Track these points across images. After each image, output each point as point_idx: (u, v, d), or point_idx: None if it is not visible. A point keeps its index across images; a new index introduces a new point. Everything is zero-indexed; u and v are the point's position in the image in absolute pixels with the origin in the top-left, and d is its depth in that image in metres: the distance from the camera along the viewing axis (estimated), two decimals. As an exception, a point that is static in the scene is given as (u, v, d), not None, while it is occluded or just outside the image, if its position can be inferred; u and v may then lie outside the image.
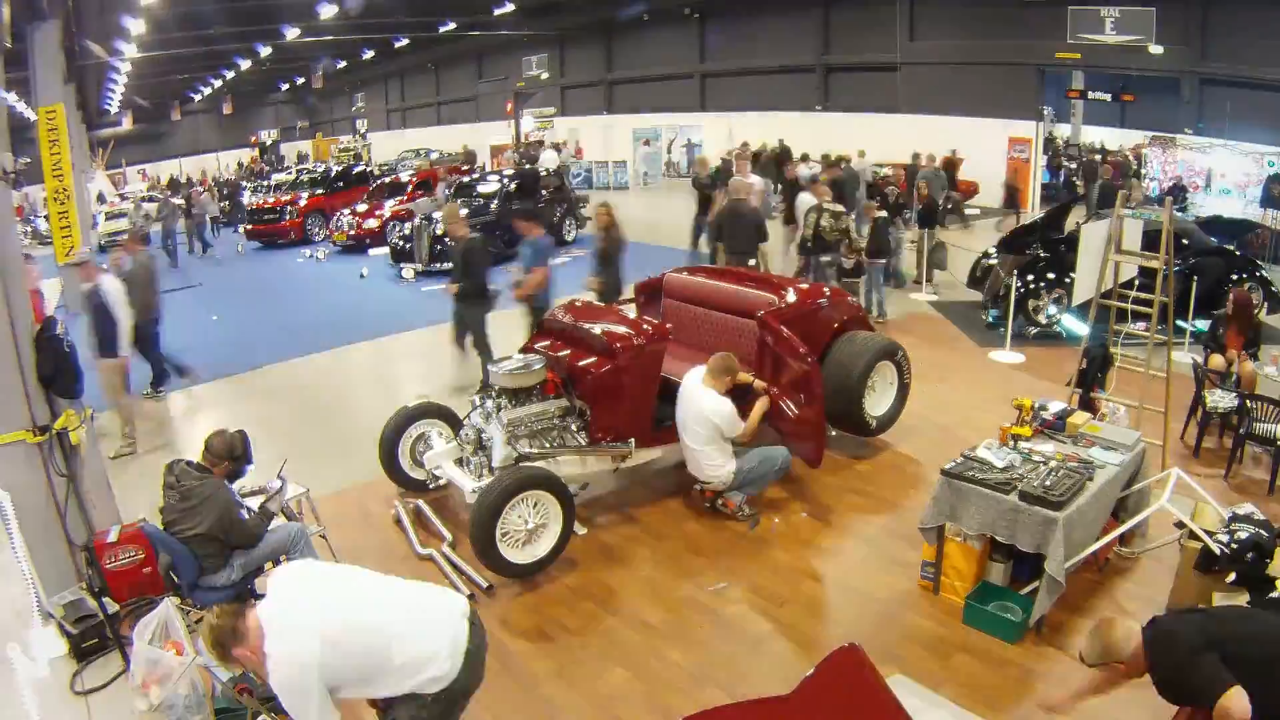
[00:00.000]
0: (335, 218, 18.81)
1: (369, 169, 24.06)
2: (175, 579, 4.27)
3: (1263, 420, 5.94)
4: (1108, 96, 18.98)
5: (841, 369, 6.23)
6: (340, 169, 23.43)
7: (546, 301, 7.96)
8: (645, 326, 5.84)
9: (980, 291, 10.46)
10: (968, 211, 18.13)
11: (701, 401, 5.42)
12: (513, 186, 16.05)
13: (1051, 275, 9.56)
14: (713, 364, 5.49)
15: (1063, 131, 21.16)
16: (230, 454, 4.53)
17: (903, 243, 12.51)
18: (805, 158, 18.30)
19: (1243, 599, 3.98)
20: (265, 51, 29.56)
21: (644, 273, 7.71)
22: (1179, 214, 7.96)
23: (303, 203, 20.28)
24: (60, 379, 4.80)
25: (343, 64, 38.17)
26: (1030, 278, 9.59)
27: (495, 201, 15.66)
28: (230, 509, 4.31)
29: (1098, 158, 19.01)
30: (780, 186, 16.68)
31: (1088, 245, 6.44)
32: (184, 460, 4.49)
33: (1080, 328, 8.22)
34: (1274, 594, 3.86)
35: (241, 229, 21.13)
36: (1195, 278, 8.89)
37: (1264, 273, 9.84)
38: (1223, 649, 2.71)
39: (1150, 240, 6.17)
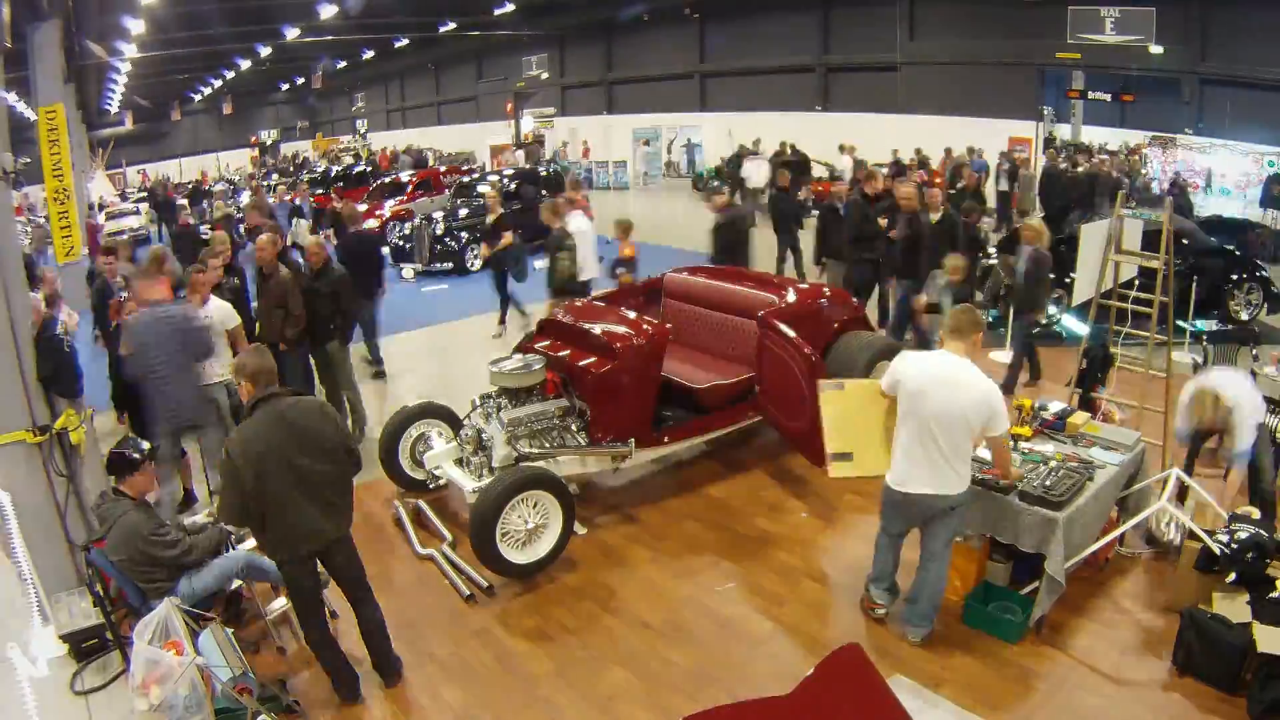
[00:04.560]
0: (335, 218, 18.80)
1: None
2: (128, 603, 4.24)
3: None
4: (1108, 96, 18.92)
5: (843, 368, 6.22)
6: (341, 169, 23.53)
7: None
8: (645, 326, 5.84)
9: (980, 292, 10.44)
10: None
11: (974, 382, 3.90)
12: (513, 187, 16.06)
13: (1051, 275, 9.54)
14: (959, 322, 4.08)
15: (1062, 131, 21.16)
16: (123, 463, 4.22)
17: None
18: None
19: (1243, 599, 3.98)
20: (265, 51, 29.56)
21: (644, 272, 7.70)
22: (1178, 216, 7.91)
23: (302, 203, 20.32)
24: (60, 379, 4.80)
25: (343, 64, 38.11)
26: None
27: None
28: (138, 528, 4.05)
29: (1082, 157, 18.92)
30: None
31: (1087, 245, 6.44)
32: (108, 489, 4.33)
33: (1080, 328, 8.22)
34: (1274, 594, 3.87)
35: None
36: (1195, 278, 8.89)
37: (1264, 273, 9.84)
38: None
39: (1150, 240, 6.17)
